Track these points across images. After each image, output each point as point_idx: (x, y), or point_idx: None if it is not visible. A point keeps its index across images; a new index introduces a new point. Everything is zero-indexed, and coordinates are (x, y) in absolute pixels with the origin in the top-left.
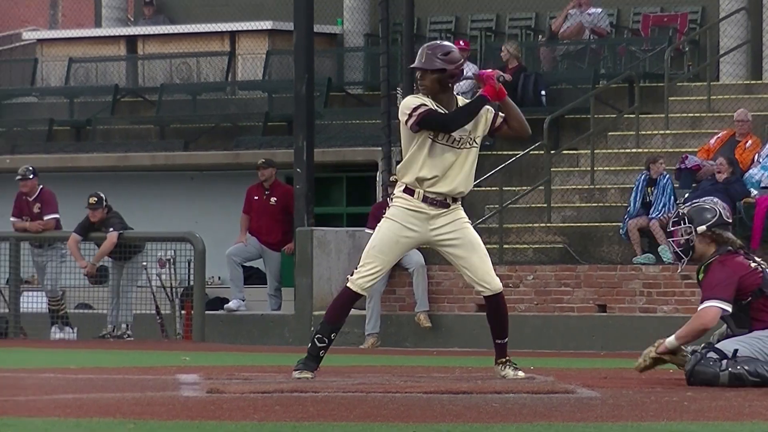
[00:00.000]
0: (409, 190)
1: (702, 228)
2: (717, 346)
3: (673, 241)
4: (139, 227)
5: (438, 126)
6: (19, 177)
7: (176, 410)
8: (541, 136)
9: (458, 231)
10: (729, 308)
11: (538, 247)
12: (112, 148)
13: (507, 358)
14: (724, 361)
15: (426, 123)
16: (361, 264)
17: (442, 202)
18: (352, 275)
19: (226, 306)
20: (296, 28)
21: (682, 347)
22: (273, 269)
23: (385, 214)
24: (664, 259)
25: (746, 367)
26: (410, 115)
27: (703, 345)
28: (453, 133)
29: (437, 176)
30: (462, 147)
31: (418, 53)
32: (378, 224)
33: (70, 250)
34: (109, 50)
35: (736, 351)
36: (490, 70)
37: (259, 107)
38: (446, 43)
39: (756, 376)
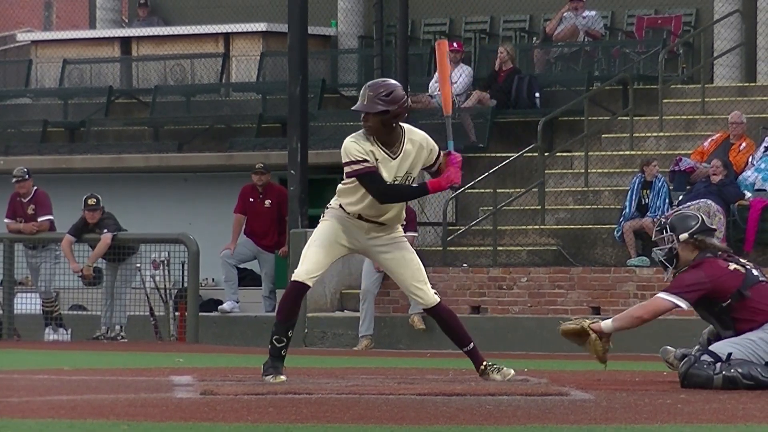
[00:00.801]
0: (343, 208)
1: (684, 236)
2: (711, 348)
3: (657, 250)
4: (133, 229)
5: (370, 191)
6: (16, 179)
7: (170, 412)
8: (535, 138)
9: (392, 245)
10: (683, 305)
11: (532, 249)
12: (106, 150)
13: (484, 363)
14: (718, 365)
15: (362, 181)
16: (301, 257)
17: (377, 222)
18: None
19: (220, 308)
20: (290, 30)
21: (610, 342)
22: (268, 271)
23: (321, 216)
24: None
25: (740, 370)
26: (349, 164)
27: (697, 348)
28: (393, 177)
29: (371, 213)
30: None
31: (361, 93)
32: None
33: (63, 251)
34: (104, 52)
35: (730, 354)
36: (458, 164)
37: (253, 109)
38: (390, 81)
39: (750, 379)
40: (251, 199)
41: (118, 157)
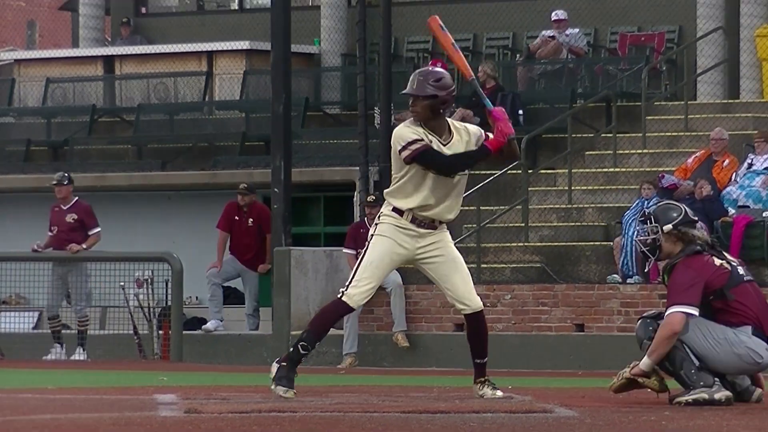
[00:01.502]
0: (398, 210)
1: (668, 227)
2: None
3: (639, 240)
4: (117, 247)
5: (434, 167)
6: (55, 182)
7: (154, 430)
8: (518, 156)
9: (442, 249)
10: (695, 312)
11: (516, 266)
12: (90, 168)
13: (486, 377)
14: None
15: (422, 160)
16: (356, 278)
17: (430, 224)
18: (346, 289)
19: (204, 327)
20: (273, 48)
21: (657, 368)
22: (251, 289)
23: (374, 231)
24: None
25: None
26: (405, 148)
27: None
28: None
29: (429, 204)
30: (453, 176)
31: (410, 79)
32: (370, 242)
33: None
34: (87, 70)
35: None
36: (503, 117)
37: (236, 127)
38: (438, 69)
39: (671, 365)
40: (236, 218)
41: (102, 175)
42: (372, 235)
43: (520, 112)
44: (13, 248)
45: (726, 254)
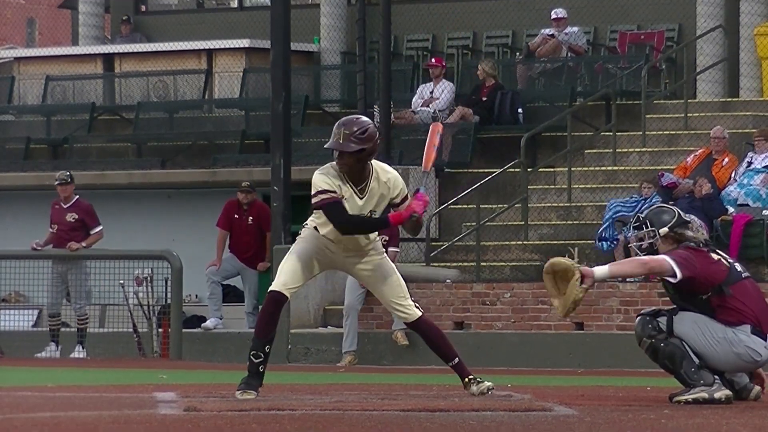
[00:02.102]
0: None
1: (664, 230)
2: (676, 318)
3: (637, 246)
4: (116, 245)
5: (333, 222)
6: (58, 181)
7: (154, 428)
8: (518, 154)
9: (370, 261)
10: (679, 274)
11: (515, 264)
12: (89, 166)
13: (470, 376)
14: (660, 334)
15: (325, 212)
16: (278, 273)
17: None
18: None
19: (203, 325)
20: (273, 46)
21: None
22: (251, 287)
23: (299, 234)
24: None
25: (667, 351)
26: (316, 195)
27: (672, 308)
28: (355, 213)
29: (340, 237)
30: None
31: (334, 131)
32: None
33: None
34: (86, 68)
35: (670, 335)
36: (422, 199)
37: (236, 125)
38: (363, 119)
39: (671, 363)
40: (236, 216)
41: (101, 173)
42: (297, 239)
43: (520, 110)
44: (13, 246)
45: (721, 252)
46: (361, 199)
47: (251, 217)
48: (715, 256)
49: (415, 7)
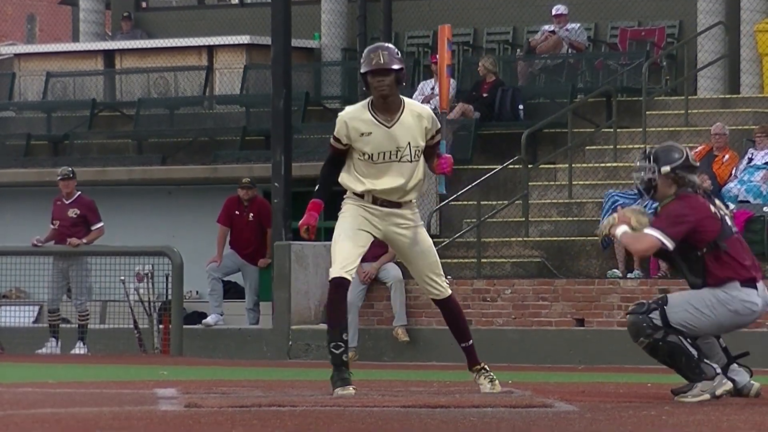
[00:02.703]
0: (357, 194)
1: (666, 168)
2: (668, 305)
3: (636, 176)
4: (117, 241)
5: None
6: (61, 176)
7: (154, 424)
8: (518, 151)
9: (411, 231)
10: (670, 245)
11: (516, 261)
12: (90, 163)
13: (481, 365)
14: (658, 332)
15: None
16: (333, 260)
17: (392, 202)
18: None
19: (204, 321)
20: (274, 43)
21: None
22: (252, 284)
23: (339, 213)
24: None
25: (667, 346)
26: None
27: (659, 297)
28: (387, 149)
29: (380, 187)
30: (402, 160)
31: (370, 56)
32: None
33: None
34: (87, 65)
35: (667, 329)
36: (446, 164)
37: (236, 121)
38: (388, 44)
39: (670, 358)
40: (236, 212)
41: (102, 170)
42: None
43: (521, 106)
44: (13, 242)
45: (718, 202)
46: (388, 129)
47: (252, 214)
48: (711, 208)
49: (416, 3)
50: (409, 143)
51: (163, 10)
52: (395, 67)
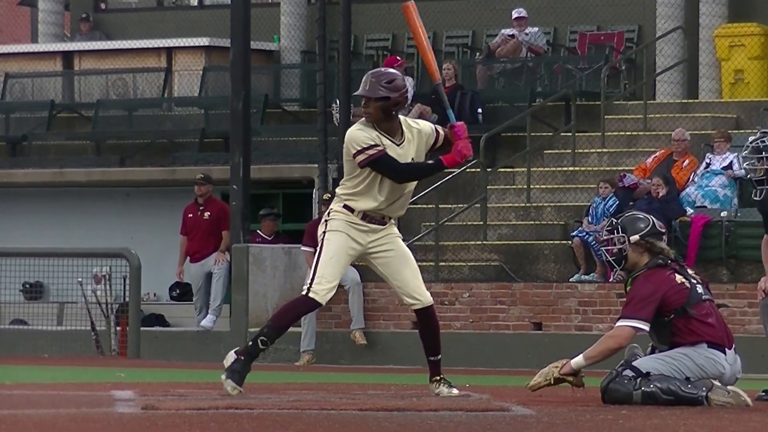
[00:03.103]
0: (348, 208)
1: (635, 237)
2: (634, 364)
3: (606, 250)
4: (75, 243)
5: (387, 174)
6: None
7: (111, 427)
8: (477, 154)
9: (392, 244)
10: (645, 327)
11: (474, 264)
12: (48, 164)
13: (441, 376)
14: (638, 380)
15: (376, 166)
16: (319, 275)
17: (380, 220)
18: (311, 286)
19: (202, 323)
20: (233, 45)
21: (582, 374)
22: (217, 285)
23: (326, 228)
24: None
25: (659, 385)
26: (361, 152)
27: (620, 363)
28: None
29: (380, 205)
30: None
31: (363, 80)
32: (324, 238)
33: None
34: (45, 66)
35: (648, 373)
36: (464, 135)
37: (195, 123)
38: (391, 70)
39: (669, 394)
40: (190, 215)
41: (60, 171)
42: (324, 232)
43: (480, 110)
44: None
45: (688, 269)
46: (399, 147)
47: (208, 213)
48: (678, 278)
49: (375, 6)
50: (413, 159)
51: (122, 11)
52: (379, 95)
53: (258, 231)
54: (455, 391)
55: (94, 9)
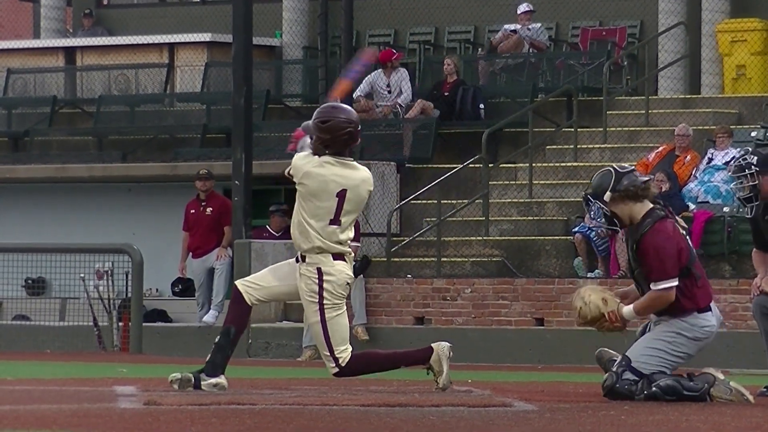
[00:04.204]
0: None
1: (608, 195)
2: (634, 365)
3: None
4: (77, 239)
5: None
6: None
7: (113, 422)
8: (479, 150)
9: (301, 287)
10: (675, 282)
11: (476, 260)
12: (50, 160)
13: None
14: (640, 383)
15: None
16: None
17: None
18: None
19: (204, 319)
20: (235, 41)
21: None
22: (219, 280)
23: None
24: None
25: (661, 385)
26: None
27: (620, 359)
28: None
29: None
30: None
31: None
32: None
33: None
34: (48, 61)
35: (647, 378)
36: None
37: (197, 119)
38: (338, 108)
39: (671, 394)
40: (192, 211)
41: (62, 167)
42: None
43: (481, 106)
44: None
45: (677, 219)
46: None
47: (210, 209)
48: (680, 228)
49: (377, 2)
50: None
51: (124, 7)
52: (310, 134)
53: (267, 226)
54: (446, 378)
55: (96, 4)
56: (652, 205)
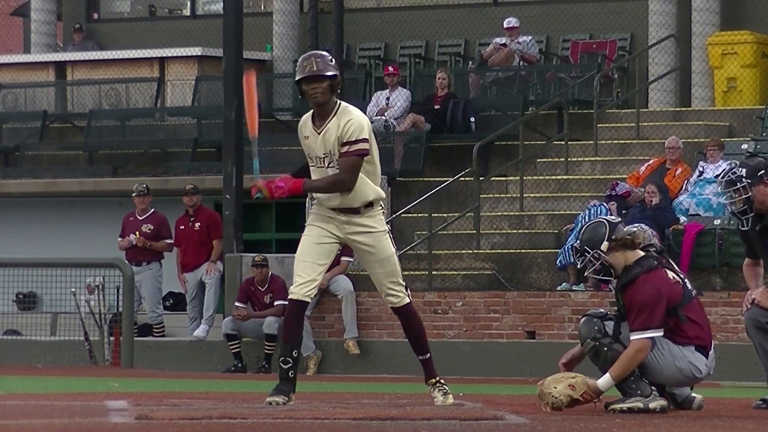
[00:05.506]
0: (312, 197)
1: (605, 244)
2: (622, 324)
3: (592, 272)
4: (68, 253)
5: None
6: (136, 193)
7: None
8: (470, 163)
9: (369, 237)
10: (661, 333)
11: (467, 273)
12: (41, 174)
13: (436, 378)
14: (605, 340)
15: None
16: (294, 275)
17: (350, 209)
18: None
19: (195, 333)
20: (225, 54)
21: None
22: (209, 294)
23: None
24: None
25: (614, 347)
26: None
27: (615, 312)
28: (318, 154)
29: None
30: (329, 166)
31: (303, 63)
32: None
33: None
34: (38, 76)
35: (615, 340)
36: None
37: (188, 133)
38: (320, 51)
39: (609, 363)
40: (182, 227)
41: (53, 181)
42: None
43: (472, 119)
44: None
45: (672, 263)
46: (318, 136)
47: (199, 223)
48: (671, 275)
49: (368, 15)
50: (330, 150)
51: (114, 21)
52: (329, 73)
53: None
54: (450, 399)
55: (86, 19)
56: (643, 254)
